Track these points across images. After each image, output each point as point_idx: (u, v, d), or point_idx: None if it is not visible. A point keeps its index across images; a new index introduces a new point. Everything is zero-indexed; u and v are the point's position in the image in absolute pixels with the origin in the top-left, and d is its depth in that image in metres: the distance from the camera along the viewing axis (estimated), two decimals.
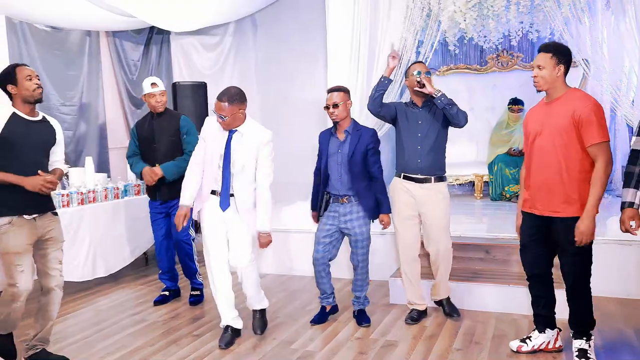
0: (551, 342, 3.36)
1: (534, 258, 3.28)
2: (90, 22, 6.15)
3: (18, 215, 3.16)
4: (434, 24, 5.64)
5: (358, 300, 4.02)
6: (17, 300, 3.18)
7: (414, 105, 3.87)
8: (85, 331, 4.00)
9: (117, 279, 5.30)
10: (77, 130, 6.61)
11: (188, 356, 3.50)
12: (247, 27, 7.73)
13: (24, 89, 3.19)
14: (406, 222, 3.89)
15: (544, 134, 3.11)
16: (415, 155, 3.80)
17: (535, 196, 3.17)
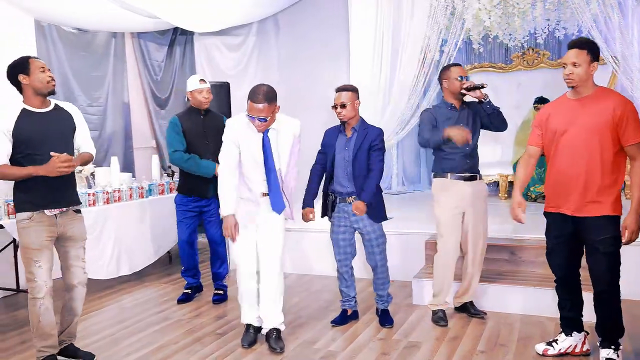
0: (578, 346, 3.28)
1: (561, 260, 3.20)
2: (115, 23, 6.23)
3: (39, 211, 3.16)
4: (458, 22, 5.58)
5: (381, 298, 3.98)
6: (37, 297, 3.16)
7: (452, 108, 3.85)
8: (111, 328, 4.05)
9: (141, 277, 5.36)
10: (102, 130, 6.71)
11: (211, 354, 3.51)
12: (270, 27, 7.75)
13: (37, 80, 3.14)
14: (451, 223, 3.84)
15: (573, 131, 3.03)
16: (462, 156, 3.79)
17: (564, 195, 3.08)
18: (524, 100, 7.13)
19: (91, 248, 4.76)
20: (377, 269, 3.89)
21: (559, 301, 3.31)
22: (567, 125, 3.06)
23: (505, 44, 6.92)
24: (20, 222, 3.15)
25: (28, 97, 3.18)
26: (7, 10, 5.15)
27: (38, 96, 3.18)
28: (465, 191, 3.81)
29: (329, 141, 3.87)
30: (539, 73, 7.33)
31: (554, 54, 7.31)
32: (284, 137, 3.48)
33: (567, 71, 3.03)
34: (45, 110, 3.23)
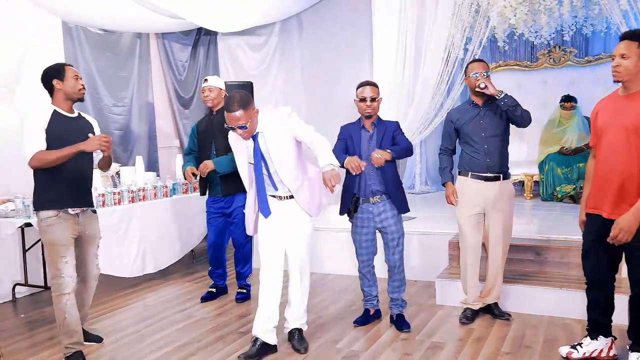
0: (604, 351, 3.16)
1: (596, 263, 3.07)
2: (140, 24, 6.31)
3: (64, 210, 3.34)
4: (483, 20, 5.53)
5: (396, 302, 3.89)
6: (63, 293, 3.29)
7: (474, 105, 3.80)
8: (135, 326, 4.10)
9: (165, 276, 5.41)
10: (127, 130, 6.79)
11: (234, 353, 3.53)
12: (293, 26, 7.77)
13: (70, 87, 3.37)
14: (472, 223, 3.80)
15: (614, 130, 2.89)
16: (482, 155, 3.73)
17: (601, 197, 2.97)
18: (550, 99, 7.02)
19: (116, 246, 4.85)
20: (395, 269, 3.83)
21: (588, 303, 3.19)
22: (610, 123, 2.92)
23: (531, 42, 6.83)
24: (46, 220, 3.31)
25: (58, 101, 3.40)
26: (36, 13, 5.24)
27: (68, 101, 3.41)
28: (486, 191, 3.74)
29: (350, 136, 3.78)
30: (565, 71, 7.21)
31: (581, 51, 7.18)
32: (272, 137, 3.26)
33: (615, 63, 2.85)
34: (72, 115, 3.46)
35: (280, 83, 7.90)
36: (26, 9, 5.14)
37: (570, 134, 6.46)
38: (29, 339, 3.89)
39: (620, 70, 2.84)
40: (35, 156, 3.21)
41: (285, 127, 3.27)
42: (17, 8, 5.08)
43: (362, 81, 3.84)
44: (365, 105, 3.71)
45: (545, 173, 6.52)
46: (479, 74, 3.68)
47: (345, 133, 3.83)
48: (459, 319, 3.90)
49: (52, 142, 3.26)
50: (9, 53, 5.00)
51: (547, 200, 6.49)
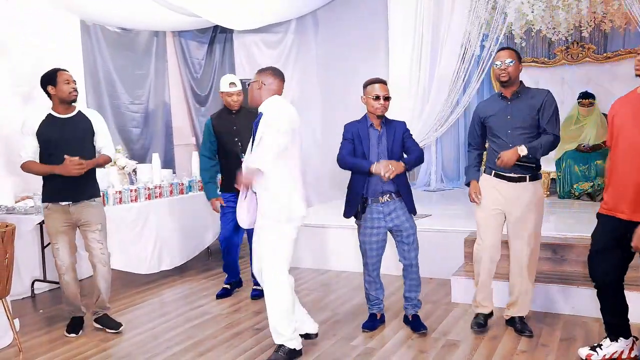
0: (625, 352, 3.10)
1: (606, 266, 3.00)
2: (157, 22, 6.36)
3: (53, 202, 3.73)
4: (500, 16, 5.49)
5: (411, 302, 3.78)
6: (61, 274, 3.81)
7: (502, 97, 3.52)
8: (151, 322, 4.13)
9: (181, 272, 5.46)
10: (144, 127, 6.85)
11: (250, 349, 3.55)
12: (309, 24, 7.77)
13: (61, 91, 3.67)
14: (489, 224, 3.56)
15: (631, 128, 2.84)
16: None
17: (619, 198, 2.90)
18: (568, 96, 6.94)
19: (133, 243, 4.90)
20: (411, 268, 3.72)
21: (601, 307, 3.13)
22: (627, 122, 2.87)
23: (548, 38, 6.76)
24: (43, 211, 3.83)
25: (55, 104, 3.74)
26: (55, 12, 5.31)
27: (62, 104, 3.72)
28: (508, 192, 3.48)
29: (358, 136, 3.62)
30: (583, 67, 7.12)
31: (599, 47, 7.09)
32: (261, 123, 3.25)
33: (638, 58, 2.80)
34: (68, 116, 3.75)
35: (295, 80, 7.91)
36: (44, 9, 5.20)
37: (588, 131, 6.38)
38: (47, 335, 3.94)
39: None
40: (25, 165, 3.69)
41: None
42: (36, 8, 5.15)
43: (370, 78, 3.70)
44: (378, 104, 3.57)
45: (563, 170, 6.45)
46: (504, 62, 3.40)
47: (351, 132, 3.65)
48: (471, 326, 3.69)
49: (44, 144, 3.66)
50: (28, 53, 5.06)
51: (564, 198, 6.42)
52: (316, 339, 3.64)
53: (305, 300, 4.47)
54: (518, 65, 3.44)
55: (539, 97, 3.44)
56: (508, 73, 3.40)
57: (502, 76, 3.42)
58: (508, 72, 3.40)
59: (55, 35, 5.34)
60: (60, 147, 3.64)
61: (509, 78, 3.41)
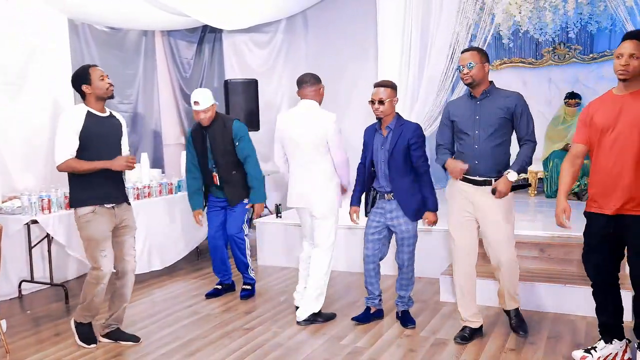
0: (619, 355, 3.11)
1: (601, 263, 3.04)
2: (146, 21, 6.33)
3: (100, 205, 3.50)
4: (488, 17, 5.53)
5: (402, 300, 3.90)
6: (100, 283, 3.53)
7: (471, 97, 3.44)
8: (142, 322, 4.13)
9: (171, 272, 5.44)
10: (133, 127, 6.81)
11: (240, 349, 3.56)
12: (298, 24, 7.78)
13: (97, 88, 3.49)
14: (462, 229, 3.49)
15: (617, 128, 2.89)
16: (471, 155, 3.38)
17: (604, 196, 2.94)
18: (555, 96, 7.03)
19: None
20: (403, 268, 3.82)
21: (597, 307, 3.15)
22: (612, 122, 2.91)
23: (535, 39, 6.82)
24: (84, 217, 3.49)
25: (90, 102, 3.53)
26: (43, 10, 5.26)
27: (99, 101, 3.54)
28: (474, 197, 3.41)
29: (367, 140, 3.83)
30: (570, 68, 7.21)
31: (585, 48, 7.17)
32: None
33: (623, 62, 2.83)
34: (105, 115, 3.60)
35: (285, 80, 7.91)
36: (32, 7, 5.16)
37: (574, 131, 6.44)
38: (35, 336, 3.92)
39: (629, 70, 2.84)
40: (67, 163, 3.42)
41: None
42: (24, 5, 5.10)
43: (378, 81, 3.77)
44: (373, 108, 3.66)
45: (550, 170, 6.52)
46: (464, 66, 3.34)
47: (364, 138, 3.88)
48: (454, 339, 3.55)
49: (86, 143, 3.44)
50: (16, 50, 5.02)
51: (551, 197, 6.48)
52: (306, 338, 3.66)
53: None
54: (482, 66, 3.35)
55: (511, 101, 3.37)
56: (471, 76, 3.34)
57: (465, 80, 3.37)
58: (471, 75, 3.34)
59: (43, 33, 5.30)
60: (100, 147, 3.49)
61: (472, 80, 3.35)
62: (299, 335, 3.76)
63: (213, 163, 4.47)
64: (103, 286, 3.56)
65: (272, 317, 4.12)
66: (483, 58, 3.38)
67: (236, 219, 4.54)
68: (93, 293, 3.54)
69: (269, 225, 5.77)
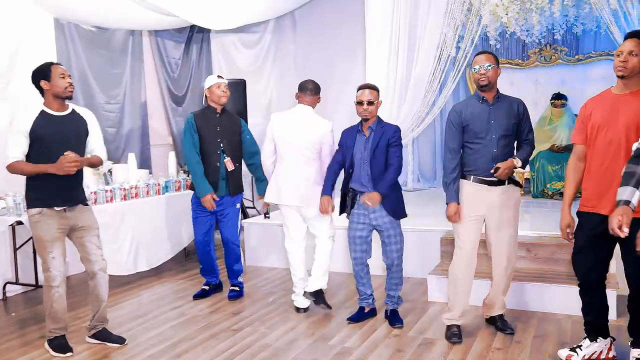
0: (604, 352, 3.14)
1: (591, 263, 3.04)
2: (133, 21, 6.30)
3: (48, 207, 3.42)
4: (475, 18, 5.57)
5: (392, 299, 3.92)
6: (53, 286, 3.42)
7: (483, 101, 3.46)
8: (128, 324, 4.10)
9: (158, 274, 5.41)
10: (120, 127, 6.78)
11: (227, 350, 3.54)
12: (287, 24, 7.78)
13: (56, 86, 3.40)
14: (469, 226, 3.49)
15: (612, 127, 2.89)
16: (489, 158, 3.40)
17: (598, 195, 2.94)
18: (541, 97, 7.08)
19: (109, 244, 4.84)
20: (392, 268, 3.84)
21: (583, 306, 3.16)
22: (607, 121, 2.91)
23: (522, 40, 6.87)
24: (32, 217, 3.43)
25: (48, 101, 3.45)
26: (28, 9, 5.22)
27: (57, 100, 3.45)
28: (488, 197, 3.44)
29: (346, 141, 3.85)
30: (556, 69, 7.28)
31: (571, 50, 7.25)
32: None
33: (622, 59, 2.84)
34: (63, 113, 3.48)
35: (273, 80, 7.91)
36: (18, 6, 5.11)
37: (560, 131, 6.51)
38: (20, 338, 3.88)
39: (628, 67, 2.85)
40: (13, 165, 3.36)
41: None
42: (9, 4, 5.06)
43: (362, 84, 3.84)
44: (362, 109, 3.72)
45: (536, 170, 6.57)
46: (483, 67, 3.37)
47: (342, 139, 3.89)
48: (448, 339, 3.55)
49: (38, 143, 3.36)
50: (1, 50, 4.97)
51: (537, 197, 6.54)
52: (294, 339, 3.66)
53: (283, 301, 4.48)
54: (496, 70, 3.42)
55: (516, 106, 3.48)
56: (487, 77, 3.38)
57: (481, 80, 3.39)
58: (487, 77, 3.37)
59: (29, 33, 5.26)
60: (53, 147, 3.35)
61: (488, 82, 3.39)
62: (287, 336, 3.76)
63: (223, 150, 4.40)
64: (58, 290, 3.43)
65: (260, 318, 4.11)
66: (496, 62, 3.45)
67: (233, 225, 4.52)
68: (51, 298, 3.43)
69: (257, 226, 5.76)
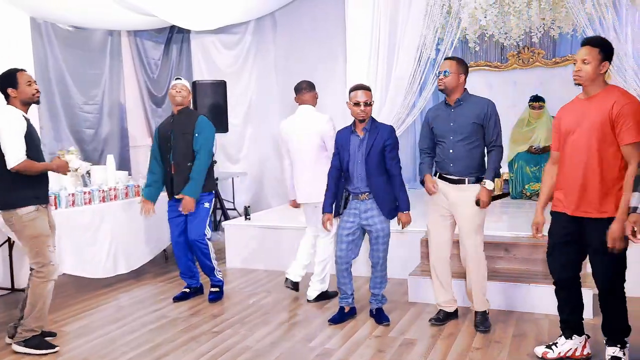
0: (579, 349, 3.20)
1: (564, 261, 3.12)
2: (112, 21, 6.23)
3: (42, 204, 3.61)
4: (454, 21, 5.62)
5: (376, 298, 3.99)
6: (51, 279, 3.58)
7: (446, 105, 3.70)
8: (107, 327, 4.05)
9: (138, 276, 5.36)
10: (99, 128, 6.71)
11: (208, 352, 3.52)
12: (267, 25, 7.76)
13: (23, 93, 3.53)
14: (438, 223, 3.76)
15: (578, 131, 2.97)
16: (448, 158, 3.65)
17: (568, 196, 3.04)
18: (520, 99, 7.16)
19: (87, 246, 4.79)
20: (377, 266, 3.91)
21: (559, 304, 3.24)
22: (574, 126, 3.00)
23: (501, 43, 6.95)
24: (29, 215, 3.51)
25: (16, 106, 3.55)
26: (3, 8, 5.14)
27: (24, 105, 3.59)
28: (450, 194, 3.67)
29: (342, 143, 3.87)
30: (534, 71, 7.38)
31: (548, 52, 7.37)
32: None
33: (576, 68, 2.94)
34: (28, 118, 3.64)
35: (254, 81, 7.89)
36: None
37: (538, 133, 6.60)
38: None
39: (581, 75, 2.94)
40: (24, 164, 3.45)
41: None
42: None
43: (355, 84, 3.90)
44: (359, 110, 3.75)
45: (515, 171, 6.65)
46: (443, 73, 3.60)
47: (337, 142, 3.93)
48: (429, 320, 3.85)
49: (29, 144, 3.50)
50: None
51: (516, 198, 6.62)
52: (275, 341, 3.66)
53: (264, 302, 4.48)
54: (458, 76, 3.60)
55: (481, 108, 3.61)
56: (444, 83, 3.60)
57: (438, 85, 3.65)
58: (444, 82, 3.60)
59: (4, 32, 5.17)
60: (35, 147, 3.57)
61: (444, 87, 3.61)
62: (267, 337, 3.75)
63: (172, 151, 4.46)
64: (53, 283, 3.61)
65: (240, 320, 4.10)
66: (460, 69, 3.63)
67: (198, 225, 4.50)
68: (44, 295, 3.55)
69: (238, 228, 5.73)
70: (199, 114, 4.63)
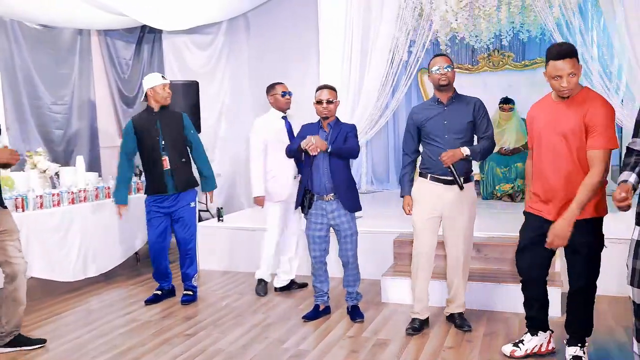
0: (544, 345, 3.27)
1: (532, 262, 3.15)
2: (81, 20, 6.13)
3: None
4: (426, 23, 5.68)
5: (351, 295, 4.05)
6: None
7: (439, 103, 3.62)
8: (77, 331, 3.98)
9: (108, 279, 5.28)
10: (68, 129, 6.59)
11: (180, 355, 3.49)
12: (240, 25, 7.73)
13: None
14: (427, 226, 3.64)
15: (552, 133, 2.98)
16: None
17: (542, 199, 3.05)
18: (490, 101, 7.19)
19: (56, 249, 4.70)
20: (349, 265, 3.98)
21: (525, 301, 3.28)
22: (547, 127, 3.00)
23: (471, 46, 7.05)
24: None
25: None
26: None
27: None
28: (444, 195, 3.59)
29: (307, 133, 3.88)
30: (504, 74, 7.51)
31: (518, 55, 7.52)
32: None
33: (564, 83, 2.85)
34: None
35: (226, 82, 7.85)
36: None
37: (508, 135, 6.71)
38: None
39: (571, 88, 2.88)
40: None
41: None
42: None
43: (320, 84, 4.01)
44: (321, 108, 3.88)
45: (486, 172, 6.75)
46: (445, 67, 3.52)
47: (303, 132, 3.97)
48: (406, 330, 3.74)
49: None
50: None
51: (487, 199, 6.72)
52: (248, 342, 3.64)
53: (237, 304, 4.46)
54: (454, 71, 3.60)
55: (472, 105, 3.61)
56: (447, 77, 3.53)
57: (442, 80, 3.53)
58: (447, 77, 3.53)
59: None
60: None
61: (448, 82, 3.54)
62: (240, 340, 3.73)
63: (163, 147, 4.38)
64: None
65: (213, 322, 4.07)
66: (453, 64, 3.63)
67: (188, 225, 4.51)
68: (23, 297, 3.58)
69: (211, 229, 5.70)
70: (180, 112, 4.69)
